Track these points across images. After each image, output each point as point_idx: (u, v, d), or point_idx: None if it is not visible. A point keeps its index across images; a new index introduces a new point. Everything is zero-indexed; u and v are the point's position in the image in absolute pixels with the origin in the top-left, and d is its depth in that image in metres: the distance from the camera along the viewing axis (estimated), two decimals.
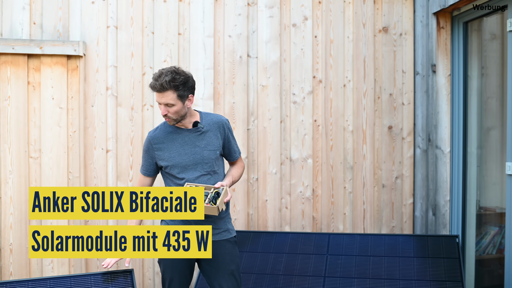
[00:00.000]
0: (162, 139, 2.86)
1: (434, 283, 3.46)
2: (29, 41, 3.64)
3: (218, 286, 2.83)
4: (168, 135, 2.86)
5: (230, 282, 2.83)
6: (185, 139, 2.84)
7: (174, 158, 2.82)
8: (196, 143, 2.83)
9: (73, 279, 2.65)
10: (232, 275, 2.85)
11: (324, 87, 4.27)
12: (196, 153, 2.82)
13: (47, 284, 2.59)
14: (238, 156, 3.04)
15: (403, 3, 4.41)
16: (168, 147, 2.84)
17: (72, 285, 2.62)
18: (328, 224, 4.27)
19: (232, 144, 2.97)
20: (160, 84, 2.66)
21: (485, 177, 4.22)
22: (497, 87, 4.10)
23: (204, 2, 4.03)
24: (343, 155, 4.32)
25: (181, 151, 2.82)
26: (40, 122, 3.72)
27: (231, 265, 2.85)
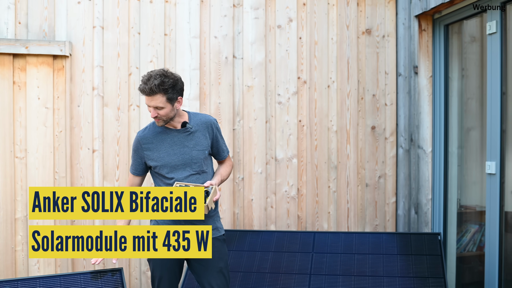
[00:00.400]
0: (151, 139, 2.88)
1: (417, 279, 3.52)
2: (15, 41, 3.62)
3: (207, 284, 2.85)
4: (157, 135, 2.88)
5: (219, 279, 2.86)
6: (174, 139, 2.86)
7: (163, 158, 2.84)
8: (185, 143, 2.86)
9: (62, 278, 2.65)
10: (221, 273, 2.88)
11: (308, 88, 4.32)
12: (185, 153, 2.85)
13: (37, 283, 2.58)
14: (227, 155, 3.08)
15: (386, 5, 4.48)
16: (157, 147, 2.86)
17: (61, 284, 2.61)
18: (313, 223, 4.31)
19: (220, 144, 3.01)
20: (149, 88, 2.67)
21: (465, 176, 4.27)
22: (477, 89, 4.14)
23: (190, 3, 4.05)
24: (327, 155, 4.36)
25: (170, 151, 2.85)
26: (26, 122, 3.70)
27: (220, 263, 2.88)
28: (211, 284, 2.85)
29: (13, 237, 3.67)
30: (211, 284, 2.85)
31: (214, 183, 2.82)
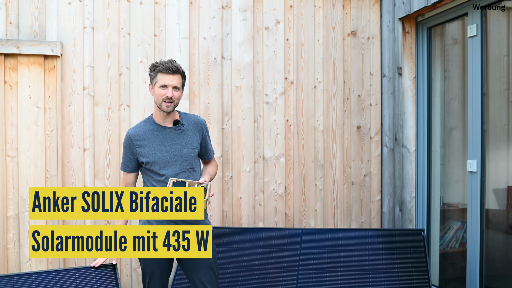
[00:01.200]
0: (143, 136, 2.93)
1: (401, 274, 3.62)
2: (6, 41, 3.65)
3: (197, 279, 2.91)
4: (149, 132, 2.93)
5: (208, 275, 2.92)
6: (166, 136, 2.92)
7: (155, 155, 2.89)
8: (176, 140, 2.92)
9: (58, 273, 2.69)
10: (210, 268, 2.93)
11: (295, 88, 4.40)
12: (177, 150, 2.91)
13: (33, 279, 2.62)
14: (213, 156, 3.16)
15: (371, 8, 4.58)
16: (149, 144, 2.91)
17: (57, 280, 2.66)
18: (300, 220, 4.40)
19: (208, 144, 3.08)
20: (175, 67, 2.82)
21: (448, 174, 4.34)
22: (458, 89, 4.21)
23: (179, 5, 4.10)
24: (314, 153, 4.45)
25: (162, 148, 2.90)
26: (17, 121, 3.73)
27: (209, 259, 2.92)
28: (200, 280, 2.90)
29: (5, 235, 3.69)
30: (200, 279, 2.90)
31: (208, 179, 2.89)
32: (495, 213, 3.84)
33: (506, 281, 3.75)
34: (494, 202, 3.82)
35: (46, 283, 2.65)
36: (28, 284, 2.61)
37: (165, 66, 2.82)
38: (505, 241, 3.78)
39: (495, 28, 3.77)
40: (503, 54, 3.74)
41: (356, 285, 3.57)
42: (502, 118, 3.76)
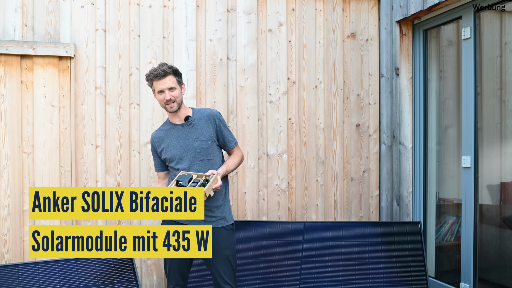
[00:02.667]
0: (162, 136, 3.15)
1: (399, 264, 3.80)
2: (22, 43, 3.82)
3: (215, 270, 3.07)
4: (166, 132, 3.15)
5: (225, 266, 3.07)
6: (179, 133, 3.11)
7: (171, 151, 3.10)
8: (188, 135, 3.10)
9: (79, 262, 2.85)
10: (227, 260, 3.08)
11: (297, 88, 4.57)
12: (189, 144, 3.09)
13: (55, 266, 2.78)
14: (234, 146, 3.27)
15: (369, 11, 4.75)
16: (166, 142, 3.13)
17: (78, 268, 2.82)
18: (302, 215, 4.57)
19: (225, 134, 3.21)
20: (162, 70, 2.99)
21: (443, 170, 4.45)
22: (453, 89, 4.32)
23: (186, 8, 4.27)
24: (315, 150, 4.62)
25: (176, 144, 3.10)
26: (33, 119, 3.89)
27: (226, 251, 3.08)
28: (218, 271, 3.07)
29: (21, 228, 3.86)
30: (218, 270, 3.07)
31: (216, 172, 2.99)
32: (488, 208, 3.96)
33: (498, 273, 3.89)
34: (488, 198, 3.94)
35: (68, 271, 2.81)
36: (51, 271, 2.78)
37: (154, 74, 3.02)
38: (498, 235, 3.90)
39: (488, 30, 3.89)
40: (495, 55, 3.87)
41: (357, 275, 3.75)
42: (495, 116, 3.88)
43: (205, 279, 3.80)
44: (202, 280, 3.80)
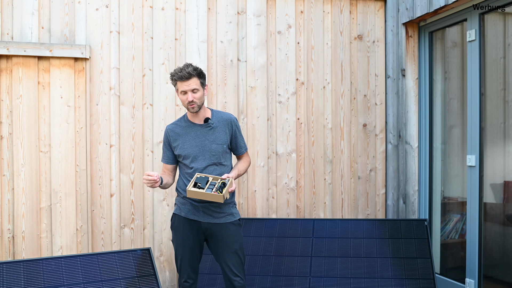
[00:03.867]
0: (178, 132, 3.23)
1: (407, 260, 3.90)
2: (40, 44, 3.92)
3: (224, 263, 3.17)
4: (183, 129, 3.23)
5: (234, 259, 3.17)
6: (197, 133, 3.20)
7: (186, 149, 3.18)
8: (206, 137, 3.19)
9: (100, 256, 2.95)
10: (236, 254, 3.18)
11: (306, 89, 4.67)
12: (205, 146, 3.18)
13: (78, 260, 2.89)
14: (244, 151, 3.39)
15: (376, 13, 4.85)
16: (182, 139, 3.21)
17: (99, 261, 2.92)
18: (310, 212, 4.67)
19: (238, 140, 3.33)
20: (187, 72, 3.06)
21: (448, 169, 4.52)
22: (458, 89, 4.38)
23: (198, 11, 4.37)
24: (323, 150, 4.72)
25: (193, 143, 3.19)
26: (49, 119, 3.99)
27: (235, 245, 3.18)
28: (227, 264, 3.16)
29: (38, 225, 3.96)
30: (227, 263, 3.16)
31: (230, 176, 3.14)
32: (492, 206, 4.02)
33: (502, 270, 3.95)
34: (491, 196, 4.01)
35: (89, 265, 2.92)
36: (73, 266, 2.88)
37: (179, 75, 3.10)
38: (502, 233, 3.97)
39: (492, 32, 3.97)
40: (499, 56, 3.94)
41: (366, 270, 3.86)
42: (499, 116, 3.95)
43: (218, 275, 3.90)
44: (215, 276, 3.91)
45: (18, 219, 3.91)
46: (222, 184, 3.04)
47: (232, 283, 3.16)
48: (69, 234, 4.01)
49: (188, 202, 3.20)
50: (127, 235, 4.17)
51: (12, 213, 3.91)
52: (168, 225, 4.26)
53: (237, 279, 3.17)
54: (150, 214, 4.24)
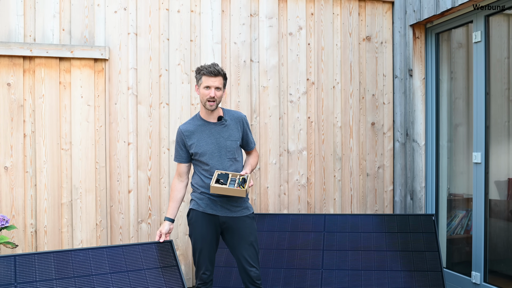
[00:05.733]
0: (192, 131, 3.35)
1: (415, 253, 4.04)
2: (61, 46, 4.06)
3: (240, 255, 3.30)
4: (197, 127, 3.35)
5: (250, 251, 3.30)
6: (212, 131, 3.34)
7: (202, 147, 3.31)
8: (221, 134, 3.33)
9: (125, 247, 3.09)
10: (252, 245, 3.31)
11: (316, 88, 4.81)
12: (221, 143, 3.32)
13: (104, 252, 3.03)
14: (254, 147, 3.54)
15: (384, 15, 4.99)
16: (197, 137, 3.33)
17: (124, 253, 3.06)
18: (321, 208, 4.81)
19: (249, 137, 3.47)
20: (217, 70, 3.23)
21: (454, 167, 4.63)
22: (463, 89, 4.51)
23: (212, 13, 4.51)
24: (333, 147, 4.85)
25: (208, 141, 3.31)
26: (70, 118, 4.13)
27: (250, 237, 3.31)
28: (243, 255, 3.29)
29: (60, 219, 4.11)
30: (243, 255, 3.29)
31: (248, 172, 3.30)
32: (497, 203, 4.13)
33: (507, 265, 4.07)
34: (496, 193, 4.12)
35: (115, 256, 3.06)
36: (100, 257, 3.03)
37: (208, 70, 3.23)
38: (506, 228, 4.08)
39: (497, 33, 4.08)
40: (504, 57, 4.05)
41: (376, 262, 4.00)
42: (503, 115, 4.06)
43: (233, 268, 4.05)
44: (230, 269, 4.05)
45: (40, 214, 4.06)
46: (242, 179, 3.18)
47: (248, 273, 3.28)
48: (89, 228, 4.16)
49: (206, 197, 3.32)
50: (144, 230, 4.32)
51: (35, 208, 4.05)
52: (183, 221, 4.40)
53: (253, 270, 3.29)
54: (166, 209, 4.38)
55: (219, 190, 3.12)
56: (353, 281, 3.90)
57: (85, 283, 2.89)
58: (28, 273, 2.83)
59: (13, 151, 3.99)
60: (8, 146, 3.98)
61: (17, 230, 3.99)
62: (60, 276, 2.86)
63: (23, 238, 4.01)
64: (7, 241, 3.44)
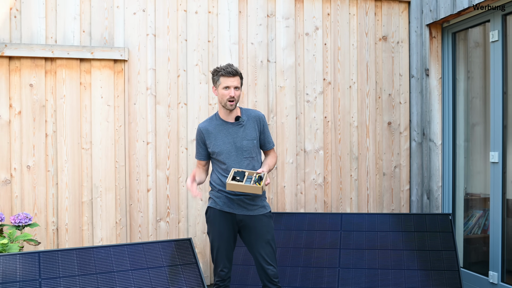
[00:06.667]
0: (211, 130, 3.41)
1: (432, 252, 4.05)
2: (82, 47, 4.14)
3: (258, 253, 3.34)
4: (216, 126, 3.41)
5: (267, 249, 3.34)
6: (229, 130, 3.39)
7: (220, 146, 3.37)
8: (237, 133, 3.38)
9: (145, 246, 3.16)
10: (268, 244, 3.35)
11: (332, 88, 4.83)
12: (237, 142, 3.36)
13: (125, 249, 3.09)
14: (272, 147, 3.56)
15: (400, 15, 5.00)
16: (215, 136, 3.39)
17: (145, 250, 3.12)
18: (337, 207, 4.84)
19: (266, 136, 3.50)
20: (235, 70, 3.29)
21: (471, 166, 4.63)
22: (480, 88, 4.50)
23: (229, 14, 4.56)
24: (349, 147, 4.88)
25: (226, 140, 3.37)
26: (90, 118, 4.21)
27: (267, 235, 3.35)
28: (260, 254, 3.33)
29: (80, 218, 4.19)
30: (260, 253, 3.33)
31: (265, 170, 3.32)
32: None
33: None
34: None
35: (136, 254, 3.12)
36: (121, 254, 3.09)
37: (226, 71, 3.29)
38: None
39: None
40: None
41: (392, 261, 4.02)
42: None
43: (251, 266, 4.09)
44: (247, 267, 4.10)
45: (61, 212, 4.14)
46: (259, 177, 3.22)
47: (266, 271, 3.33)
48: (109, 227, 4.23)
49: (223, 196, 3.37)
50: (163, 228, 4.38)
51: (56, 206, 4.13)
52: (201, 219, 4.46)
53: (270, 268, 3.33)
54: (185, 208, 4.44)
55: (235, 187, 3.16)
56: (370, 280, 3.93)
57: (106, 279, 2.96)
58: (52, 269, 2.91)
59: (35, 151, 4.08)
60: (30, 145, 4.06)
61: (39, 227, 4.07)
62: (82, 273, 2.93)
63: (45, 235, 4.10)
64: (30, 239, 3.52)
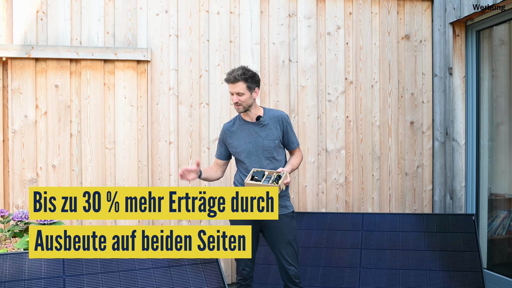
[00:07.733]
0: (234, 131, 3.45)
1: (454, 253, 4.02)
2: (106, 49, 4.21)
3: (279, 253, 3.36)
4: (238, 127, 3.45)
5: (288, 249, 3.36)
6: (250, 130, 3.41)
7: (241, 146, 3.40)
8: (259, 133, 3.40)
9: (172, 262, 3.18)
10: (290, 244, 3.36)
11: (354, 88, 4.82)
12: (258, 142, 3.39)
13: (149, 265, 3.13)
14: (296, 147, 3.55)
15: (423, 13, 4.96)
16: (237, 137, 3.42)
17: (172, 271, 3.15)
18: (359, 207, 4.83)
19: (290, 136, 3.50)
20: (233, 77, 3.29)
21: (495, 166, 4.58)
22: (505, 87, 4.44)
23: (251, 14, 4.59)
24: (371, 147, 4.86)
25: (247, 140, 3.40)
26: (114, 118, 4.28)
27: (289, 235, 3.36)
28: (281, 253, 3.35)
29: None
30: (281, 253, 3.35)
31: (285, 169, 3.32)
32: None
33: None
34: None
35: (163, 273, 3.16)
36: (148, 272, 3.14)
37: (226, 78, 3.35)
38: None
39: None
40: None
41: (414, 262, 4.00)
42: None
43: (272, 265, 4.11)
44: (269, 266, 4.12)
45: None
46: (278, 177, 3.22)
47: (287, 272, 3.34)
48: None
49: None
50: None
51: None
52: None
53: (291, 268, 3.35)
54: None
55: (252, 187, 3.18)
56: (391, 280, 3.91)
57: (128, 277, 3.01)
58: (75, 266, 2.97)
59: (60, 150, 4.16)
60: (56, 145, 4.15)
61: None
62: (105, 270, 2.98)
63: None
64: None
